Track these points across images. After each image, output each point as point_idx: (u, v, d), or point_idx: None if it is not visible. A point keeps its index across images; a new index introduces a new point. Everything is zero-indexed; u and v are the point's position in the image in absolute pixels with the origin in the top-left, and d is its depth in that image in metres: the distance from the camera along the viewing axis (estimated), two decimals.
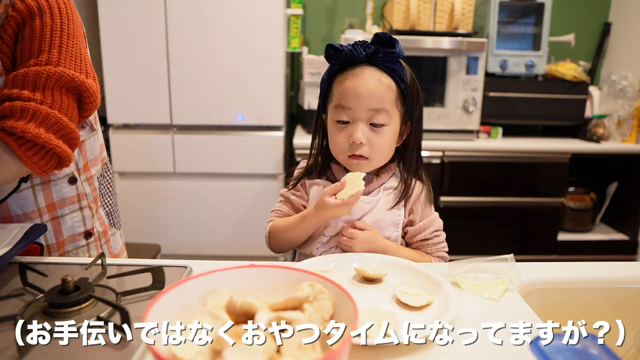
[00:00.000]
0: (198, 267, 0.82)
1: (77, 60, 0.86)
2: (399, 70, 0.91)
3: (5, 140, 0.78)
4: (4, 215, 0.90)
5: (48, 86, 0.81)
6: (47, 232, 0.94)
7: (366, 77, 0.89)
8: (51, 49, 0.83)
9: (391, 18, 2.33)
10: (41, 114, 0.79)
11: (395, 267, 0.82)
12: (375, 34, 0.91)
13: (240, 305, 0.52)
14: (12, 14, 0.83)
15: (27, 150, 0.79)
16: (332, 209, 0.87)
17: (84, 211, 0.99)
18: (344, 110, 0.91)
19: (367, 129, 0.90)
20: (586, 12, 2.78)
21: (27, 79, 0.80)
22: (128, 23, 2.16)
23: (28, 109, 0.78)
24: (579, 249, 2.48)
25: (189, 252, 2.40)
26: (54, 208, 0.94)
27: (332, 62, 0.94)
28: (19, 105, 0.78)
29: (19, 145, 0.78)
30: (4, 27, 0.83)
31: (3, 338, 0.60)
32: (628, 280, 0.86)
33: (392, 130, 0.93)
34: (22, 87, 0.80)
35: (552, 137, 2.53)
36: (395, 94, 0.91)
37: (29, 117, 0.78)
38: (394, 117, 0.92)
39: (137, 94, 2.23)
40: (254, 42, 2.19)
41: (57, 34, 0.84)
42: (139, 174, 2.33)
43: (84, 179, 0.99)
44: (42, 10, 0.84)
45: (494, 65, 2.38)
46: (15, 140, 0.78)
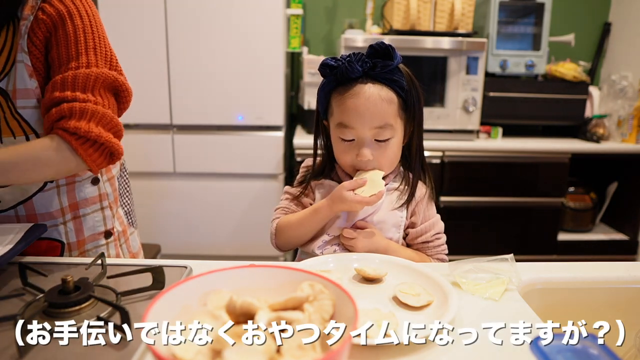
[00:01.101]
0: (198, 267, 0.82)
1: (110, 60, 0.91)
2: (398, 79, 0.89)
3: (68, 140, 0.83)
4: (29, 213, 0.92)
5: (96, 87, 0.86)
6: (69, 230, 0.96)
7: (366, 95, 0.87)
8: (87, 51, 0.87)
9: (391, 18, 2.33)
10: (98, 114, 0.85)
11: (395, 267, 0.82)
12: (370, 45, 0.88)
13: (240, 305, 0.52)
14: (43, 18, 0.85)
15: (87, 148, 0.85)
16: (350, 203, 0.87)
17: (105, 211, 1.02)
18: (347, 130, 0.90)
19: (373, 145, 0.90)
20: (586, 12, 2.78)
21: (77, 81, 0.85)
22: (128, 23, 2.16)
23: (87, 109, 0.84)
24: (579, 249, 2.48)
25: (189, 252, 2.40)
26: (76, 207, 0.97)
27: (328, 78, 0.91)
28: (78, 107, 0.83)
29: (81, 144, 0.84)
30: (34, 31, 0.85)
31: (3, 338, 0.60)
32: (628, 280, 0.86)
33: (398, 141, 0.93)
34: (73, 89, 0.84)
35: (552, 137, 2.53)
36: (396, 105, 0.90)
37: (89, 118, 0.84)
38: (398, 128, 0.91)
39: (137, 94, 2.19)
40: (254, 42, 2.19)
41: (90, 36, 0.88)
42: (139, 174, 2.33)
43: (105, 180, 1.02)
44: (72, 14, 0.87)
45: (494, 65, 2.38)
46: (77, 139, 0.83)
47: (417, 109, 0.94)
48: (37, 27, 0.86)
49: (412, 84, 0.92)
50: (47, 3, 0.86)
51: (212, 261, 0.86)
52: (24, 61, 0.86)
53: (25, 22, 0.85)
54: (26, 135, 0.88)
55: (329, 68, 0.89)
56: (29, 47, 0.86)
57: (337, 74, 0.88)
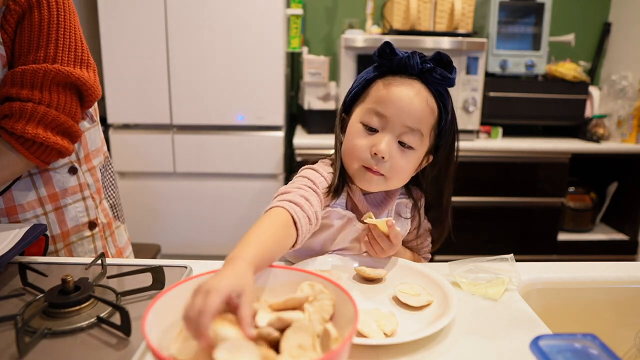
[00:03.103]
0: (198, 267, 0.82)
1: (74, 52, 0.88)
2: (446, 98, 0.84)
3: (8, 140, 0.84)
4: (8, 205, 0.92)
5: (45, 84, 0.84)
6: (51, 221, 0.96)
7: (415, 91, 0.81)
8: (48, 44, 0.85)
9: (391, 18, 2.33)
10: (39, 114, 0.83)
11: (395, 267, 0.82)
12: (437, 52, 0.82)
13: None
14: (14, 8, 0.84)
15: (28, 147, 0.85)
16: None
17: (87, 201, 1.00)
18: (377, 116, 0.81)
19: (394, 144, 0.81)
20: (586, 12, 2.78)
21: (25, 77, 0.83)
22: (128, 23, 2.16)
23: (26, 109, 0.83)
24: (579, 249, 2.48)
25: (189, 252, 2.40)
26: (57, 198, 0.96)
27: (382, 62, 0.84)
28: (17, 106, 0.82)
29: (20, 144, 0.84)
30: (7, 19, 0.84)
31: (3, 338, 0.60)
32: (628, 280, 0.86)
33: (417, 157, 0.84)
34: (20, 86, 0.83)
35: (552, 137, 2.53)
36: (434, 120, 0.84)
37: (27, 118, 0.83)
38: (424, 144, 0.84)
39: (137, 94, 2.23)
40: (254, 42, 2.19)
41: (54, 27, 0.86)
42: (139, 174, 2.33)
43: (85, 170, 1.00)
44: (40, 3, 0.85)
45: (494, 65, 2.38)
46: (17, 139, 0.84)
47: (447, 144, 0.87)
48: (10, 17, 0.84)
49: (453, 116, 0.87)
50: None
51: (212, 261, 0.86)
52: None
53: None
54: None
55: (390, 50, 0.82)
56: (2, 38, 0.84)
57: (394, 62, 0.82)
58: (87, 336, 0.61)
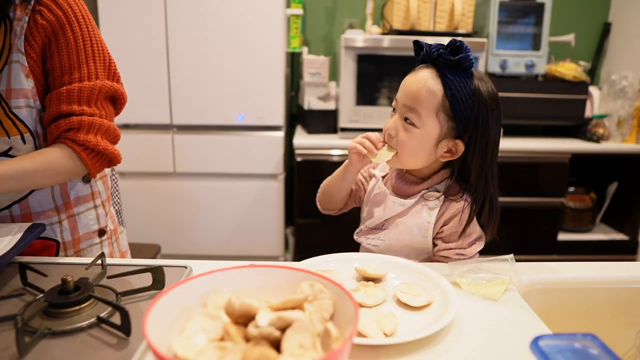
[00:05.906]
0: (198, 267, 0.82)
1: (108, 67, 0.96)
2: (457, 81, 0.89)
3: (77, 150, 0.90)
4: (24, 212, 0.94)
5: (98, 99, 0.93)
6: (64, 229, 0.98)
7: (418, 76, 0.91)
8: (87, 61, 0.92)
9: (391, 18, 2.33)
10: (103, 127, 0.93)
11: (395, 267, 0.82)
12: (452, 38, 0.91)
13: (239, 307, 0.52)
14: (42, 23, 0.88)
15: (92, 157, 0.92)
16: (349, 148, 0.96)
17: (98, 209, 1.04)
18: (395, 101, 0.96)
19: (400, 122, 0.93)
20: (586, 12, 2.78)
21: (82, 95, 0.91)
22: (128, 23, 2.16)
23: (94, 124, 0.91)
24: (579, 249, 2.47)
25: (189, 252, 2.40)
26: (71, 206, 0.99)
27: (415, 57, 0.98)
28: (75, 120, 0.89)
29: (87, 154, 0.91)
30: (33, 34, 0.88)
31: (3, 338, 0.60)
32: (628, 280, 0.86)
33: (423, 135, 0.91)
34: (79, 103, 0.90)
35: (552, 137, 2.53)
36: (438, 101, 0.89)
37: (95, 131, 0.92)
38: (428, 124, 0.90)
39: (137, 94, 2.23)
40: (254, 42, 2.19)
41: (88, 43, 0.93)
42: (139, 174, 2.33)
43: (97, 178, 1.04)
44: (70, 21, 0.90)
45: (494, 65, 2.38)
46: (85, 150, 0.91)
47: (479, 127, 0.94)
48: (35, 31, 0.87)
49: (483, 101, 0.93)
50: (43, 6, 0.88)
51: (212, 261, 0.86)
52: (20, 61, 0.87)
53: (19, 22, 0.86)
54: (21, 135, 0.89)
55: (418, 46, 0.97)
56: (26, 49, 0.87)
57: (420, 55, 0.96)
58: (87, 336, 0.61)
